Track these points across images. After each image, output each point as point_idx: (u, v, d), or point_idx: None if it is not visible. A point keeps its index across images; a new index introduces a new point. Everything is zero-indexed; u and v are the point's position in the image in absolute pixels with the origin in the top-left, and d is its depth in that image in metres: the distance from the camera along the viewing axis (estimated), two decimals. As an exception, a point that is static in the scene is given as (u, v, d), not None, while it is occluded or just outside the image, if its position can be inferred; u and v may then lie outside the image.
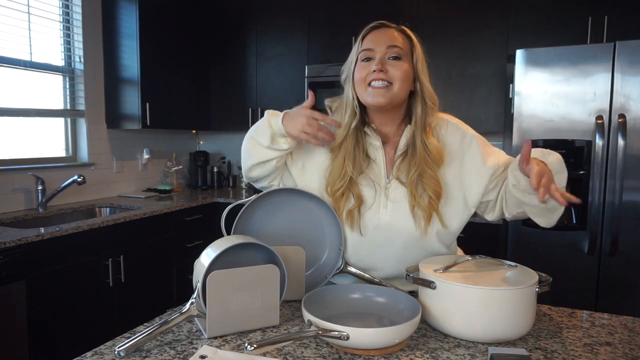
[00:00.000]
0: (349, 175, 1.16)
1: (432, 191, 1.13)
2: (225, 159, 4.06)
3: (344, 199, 1.17)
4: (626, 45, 2.26)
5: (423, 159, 1.13)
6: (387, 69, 1.11)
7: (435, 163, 1.13)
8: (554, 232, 2.43)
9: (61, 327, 2.25)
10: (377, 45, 1.12)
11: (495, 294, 0.92)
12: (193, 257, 1.13)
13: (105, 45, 3.19)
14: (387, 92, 1.11)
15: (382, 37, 1.13)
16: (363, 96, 1.14)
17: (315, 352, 0.89)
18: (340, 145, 1.18)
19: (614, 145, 2.30)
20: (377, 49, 1.12)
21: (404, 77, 1.11)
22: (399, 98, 1.14)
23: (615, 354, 0.90)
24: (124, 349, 0.86)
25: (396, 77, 1.11)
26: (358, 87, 1.15)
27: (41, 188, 2.72)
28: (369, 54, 1.13)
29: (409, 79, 1.13)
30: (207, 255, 0.98)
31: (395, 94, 1.12)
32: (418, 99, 1.15)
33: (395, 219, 1.17)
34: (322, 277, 1.20)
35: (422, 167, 1.13)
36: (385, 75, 1.10)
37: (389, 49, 1.11)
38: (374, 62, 1.12)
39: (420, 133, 1.14)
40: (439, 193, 1.14)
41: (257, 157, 1.18)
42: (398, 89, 1.12)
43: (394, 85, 1.11)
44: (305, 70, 3.36)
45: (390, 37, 1.13)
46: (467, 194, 1.18)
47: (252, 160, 1.20)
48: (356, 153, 1.17)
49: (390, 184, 1.18)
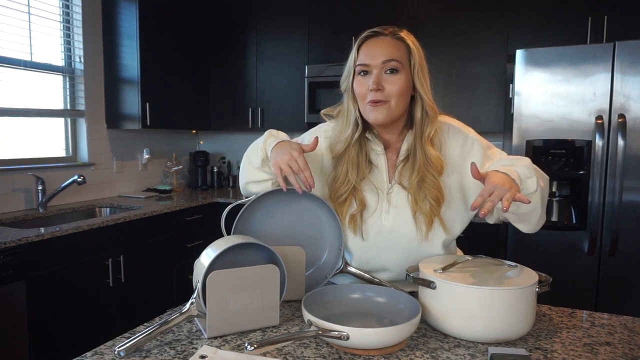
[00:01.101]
0: (352, 182, 1.17)
1: (433, 197, 1.13)
2: (225, 159, 4.06)
3: (347, 204, 1.18)
4: (626, 45, 2.26)
5: (424, 166, 1.13)
6: (384, 86, 1.09)
7: (436, 171, 1.13)
8: (554, 232, 2.43)
9: (61, 327, 2.25)
10: (372, 59, 1.10)
11: (495, 294, 0.92)
12: (193, 257, 1.13)
13: (105, 45, 3.19)
14: (384, 110, 1.11)
15: (378, 50, 1.10)
16: (364, 112, 1.14)
17: (315, 352, 0.89)
18: (344, 153, 1.18)
19: (613, 145, 2.30)
20: (372, 63, 1.10)
21: (400, 92, 1.10)
22: (398, 113, 1.13)
23: (615, 354, 0.90)
24: (124, 349, 0.86)
25: (392, 94, 1.10)
26: (359, 101, 1.15)
27: (41, 188, 2.72)
28: (365, 68, 1.12)
29: (406, 92, 1.12)
30: (207, 255, 0.98)
31: (393, 110, 1.12)
32: (417, 106, 1.14)
33: (397, 224, 1.17)
34: (322, 277, 1.20)
35: (423, 172, 1.13)
36: (382, 95, 1.09)
37: (385, 64, 1.09)
38: (370, 78, 1.10)
39: (421, 142, 1.14)
40: (440, 199, 1.14)
41: (250, 176, 1.20)
42: (395, 105, 1.11)
43: (390, 102, 1.11)
44: (305, 70, 3.36)
45: (386, 50, 1.10)
46: (467, 197, 1.18)
47: (246, 179, 1.21)
48: (359, 160, 1.18)
49: (393, 189, 1.18)
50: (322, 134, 1.25)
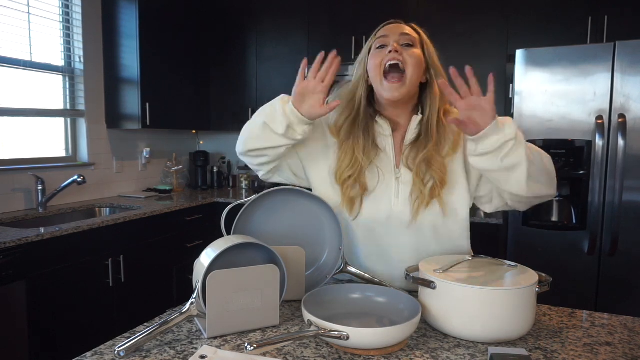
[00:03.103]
0: (360, 163, 1.18)
1: (438, 178, 1.14)
2: (225, 159, 4.06)
3: (351, 187, 1.19)
4: (626, 45, 2.26)
5: (433, 148, 1.15)
6: (402, 52, 1.14)
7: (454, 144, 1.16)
8: (554, 232, 2.44)
9: (61, 327, 2.25)
10: (390, 32, 1.17)
11: (495, 294, 0.92)
12: (193, 257, 1.13)
13: (105, 45, 3.19)
14: (401, 87, 1.13)
15: (395, 29, 1.18)
16: (379, 89, 1.16)
17: (315, 352, 0.89)
18: (349, 134, 1.19)
19: (614, 145, 2.30)
20: (390, 35, 1.17)
21: (416, 62, 1.14)
22: (413, 86, 1.15)
23: (615, 354, 0.90)
24: (124, 349, 0.86)
25: (409, 62, 1.13)
26: (373, 74, 1.16)
27: (41, 188, 2.72)
28: (383, 40, 1.17)
29: (421, 65, 1.16)
30: (207, 255, 0.98)
31: (408, 84, 1.13)
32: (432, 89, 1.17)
33: (405, 207, 1.18)
34: (322, 277, 1.20)
35: (431, 155, 1.15)
36: (400, 56, 1.13)
37: (402, 36, 1.16)
38: (388, 48, 1.15)
39: (436, 118, 1.16)
40: (444, 180, 1.15)
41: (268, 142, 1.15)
42: (411, 74, 1.13)
43: (407, 71, 1.13)
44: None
45: (403, 28, 1.18)
46: (469, 178, 1.19)
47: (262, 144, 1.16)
48: (365, 142, 1.19)
49: (400, 172, 1.19)
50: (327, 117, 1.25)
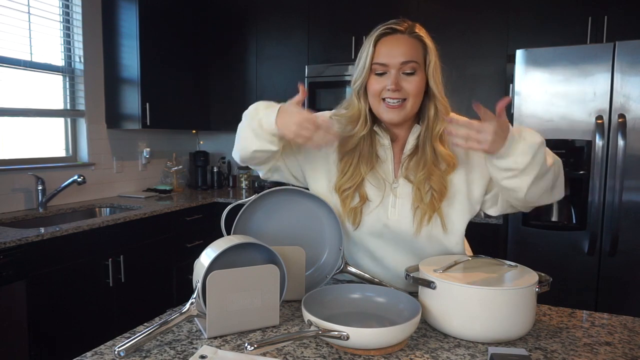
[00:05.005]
0: (362, 175, 1.17)
1: (437, 189, 1.14)
2: (225, 159, 4.06)
3: (351, 197, 1.19)
4: (626, 45, 2.26)
5: (432, 162, 1.14)
6: (402, 86, 1.10)
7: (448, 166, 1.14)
8: (554, 232, 2.43)
9: (61, 327, 2.25)
10: (391, 59, 1.10)
11: (495, 294, 0.92)
12: (193, 257, 1.13)
13: (105, 45, 3.19)
14: (401, 111, 1.12)
15: (396, 49, 1.10)
16: (378, 111, 1.15)
17: (315, 352, 0.89)
18: (354, 148, 1.18)
19: (614, 145, 2.30)
20: (391, 63, 1.10)
21: (417, 92, 1.11)
22: (413, 113, 1.14)
23: (615, 353, 0.90)
24: (124, 349, 0.86)
25: (410, 93, 1.11)
26: (372, 99, 1.14)
27: (41, 188, 2.72)
28: (383, 68, 1.11)
29: (422, 92, 1.14)
30: (207, 255, 0.98)
31: (409, 111, 1.13)
32: (430, 104, 1.15)
33: (402, 218, 1.18)
34: (322, 277, 1.20)
35: (430, 168, 1.14)
36: (400, 94, 1.10)
37: (403, 65, 1.09)
38: (387, 78, 1.10)
39: (430, 139, 1.14)
40: (443, 192, 1.15)
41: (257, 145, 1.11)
42: (411, 105, 1.12)
43: (407, 101, 1.11)
44: (305, 70, 3.35)
45: (404, 50, 1.10)
46: (471, 190, 1.18)
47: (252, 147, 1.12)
48: (369, 153, 1.18)
49: (398, 183, 1.19)
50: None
